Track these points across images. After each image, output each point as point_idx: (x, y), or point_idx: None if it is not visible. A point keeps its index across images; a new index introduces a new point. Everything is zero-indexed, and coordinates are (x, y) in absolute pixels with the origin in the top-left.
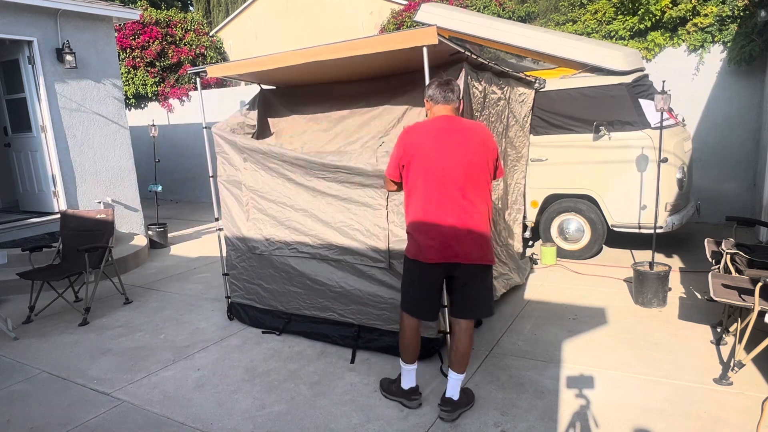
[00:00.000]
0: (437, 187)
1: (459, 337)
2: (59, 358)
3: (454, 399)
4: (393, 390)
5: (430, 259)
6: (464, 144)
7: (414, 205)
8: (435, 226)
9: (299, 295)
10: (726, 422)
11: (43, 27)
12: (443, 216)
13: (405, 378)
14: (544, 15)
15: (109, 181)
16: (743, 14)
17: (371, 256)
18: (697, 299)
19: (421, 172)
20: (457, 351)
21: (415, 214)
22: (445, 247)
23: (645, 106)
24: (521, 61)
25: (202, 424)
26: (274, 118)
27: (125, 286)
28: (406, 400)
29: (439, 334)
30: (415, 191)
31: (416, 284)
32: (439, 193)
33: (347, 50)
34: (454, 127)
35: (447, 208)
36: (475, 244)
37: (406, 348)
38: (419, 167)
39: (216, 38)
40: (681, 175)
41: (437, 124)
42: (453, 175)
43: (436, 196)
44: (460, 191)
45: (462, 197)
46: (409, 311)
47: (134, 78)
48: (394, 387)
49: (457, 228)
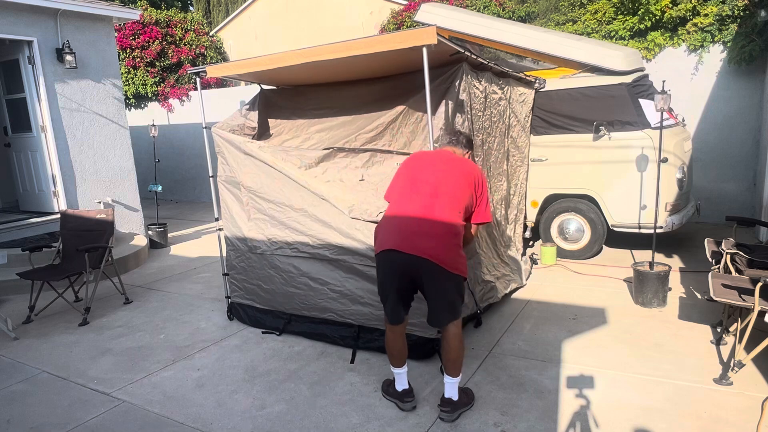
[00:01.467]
0: (410, 191)
1: (447, 343)
2: (59, 358)
3: (454, 399)
4: (390, 391)
5: (387, 245)
6: (450, 168)
7: (388, 209)
8: (399, 217)
9: (299, 295)
10: (726, 422)
11: (43, 27)
12: (409, 209)
13: (397, 381)
14: (544, 15)
15: (109, 181)
16: (743, 14)
17: (371, 256)
18: (697, 299)
19: (402, 181)
20: (448, 356)
21: (386, 213)
22: (406, 236)
23: (645, 106)
24: (521, 61)
25: (202, 424)
26: (274, 119)
27: (125, 286)
28: (400, 402)
29: (438, 334)
30: (391, 197)
31: (384, 282)
32: (411, 193)
33: (347, 50)
34: (448, 157)
35: (415, 203)
36: (438, 242)
37: (392, 353)
38: (402, 178)
39: (216, 38)
40: (681, 175)
41: (434, 152)
42: (429, 183)
43: (408, 196)
44: (431, 196)
45: (431, 197)
46: (387, 316)
47: (134, 78)
48: (391, 388)
49: (420, 219)
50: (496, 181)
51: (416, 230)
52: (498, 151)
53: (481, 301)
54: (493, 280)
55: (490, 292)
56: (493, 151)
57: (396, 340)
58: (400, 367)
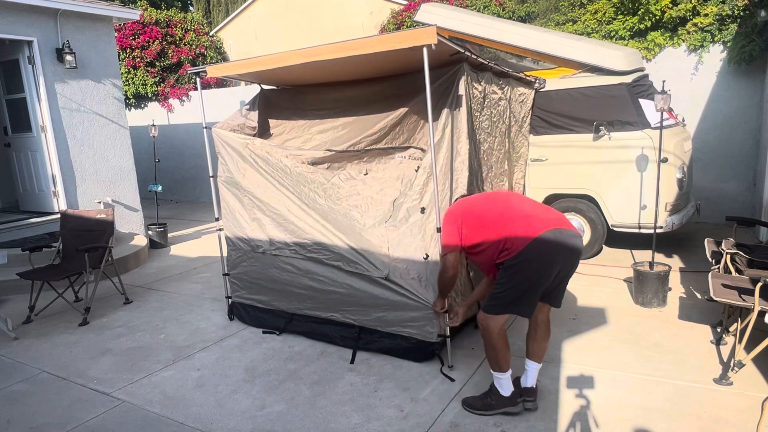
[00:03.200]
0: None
1: (545, 328)
2: (59, 358)
3: (534, 387)
4: (493, 403)
5: (550, 225)
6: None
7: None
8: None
9: (300, 295)
10: (726, 422)
11: (43, 27)
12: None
13: (506, 386)
14: (544, 15)
15: (109, 181)
16: (743, 14)
17: (373, 263)
18: (697, 299)
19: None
20: (545, 344)
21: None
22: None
23: (645, 106)
24: (521, 61)
25: (202, 424)
26: (274, 119)
27: (125, 286)
28: (514, 408)
29: (439, 338)
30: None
31: (542, 270)
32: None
33: (347, 50)
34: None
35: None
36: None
37: (507, 354)
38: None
39: (216, 38)
40: (681, 175)
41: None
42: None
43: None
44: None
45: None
46: (524, 311)
47: (134, 78)
48: (492, 400)
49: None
50: (497, 181)
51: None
52: (498, 151)
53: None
54: None
55: None
56: (494, 151)
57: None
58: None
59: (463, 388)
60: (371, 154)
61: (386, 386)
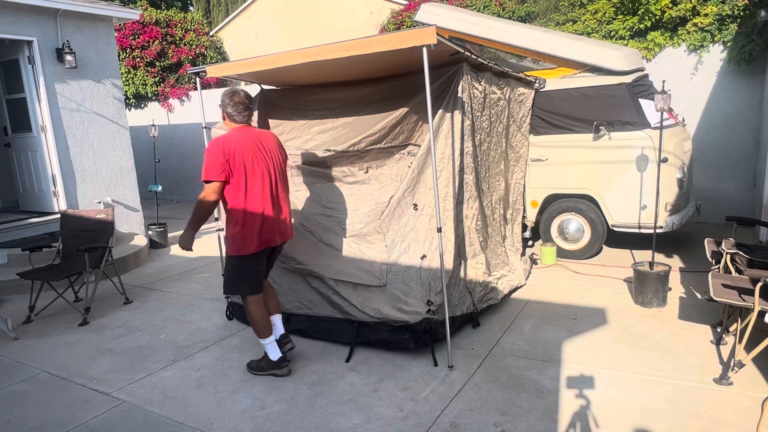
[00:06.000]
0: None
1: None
2: (59, 358)
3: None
4: (263, 366)
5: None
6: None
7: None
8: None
9: (299, 292)
10: (726, 422)
11: (43, 27)
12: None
13: (272, 350)
14: (544, 15)
15: (109, 181)
16: (743, 14)
17: (370, 272)
18: (697, 299)
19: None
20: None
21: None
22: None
23: (645, 106)
24: (521, 61)
25: (202, 424)
26: (274, 119)
27: (125, 286)
28: (278, 370)
29: (428, 313)
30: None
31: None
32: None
33: (347, 50)
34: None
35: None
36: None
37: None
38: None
39: (216, 38)
40: (681, 175)
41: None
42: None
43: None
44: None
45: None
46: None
47: (134, 78)
48: (264, 363)
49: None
50: (494, 181)
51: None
52: (495, 151)
53: (481, 301)
54: (492, 281)
55: (490, 293)
56: (491, 151)
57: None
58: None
59: (463, 388)
60: (371, 154)
61: (386, 386)
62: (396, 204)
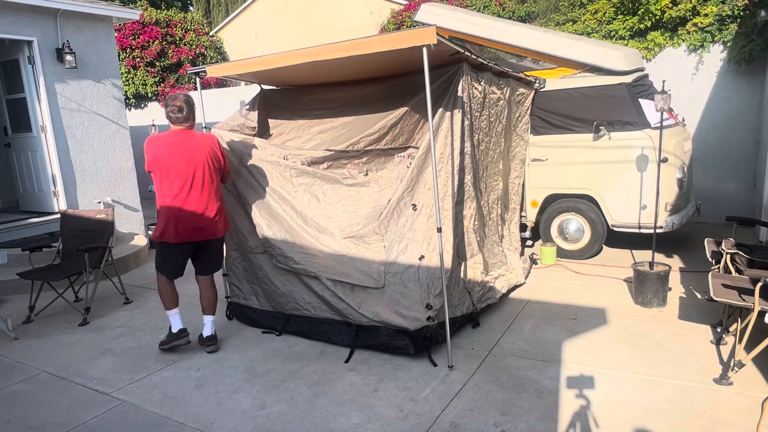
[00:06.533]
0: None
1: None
2: (59, 358)
3: (213, 335)
4: (166, 340)
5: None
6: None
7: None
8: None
9: (296, 293)
10: (726, 422)
11: (43, 27)
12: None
13: (173, 323)
14: (544, 15)
15: (109, 181)
16: (743, 14)
17: (368, 273)
18: (697, 299)
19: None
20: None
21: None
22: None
23: (645, 106)
24: (521, 61)
25: (202, 424)
26: (274, 119)
27: (125, 286)
28: (177, 341)
29: (428, 320)
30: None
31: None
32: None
33: (347, 50)
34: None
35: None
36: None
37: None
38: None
39: (216, 38)
40: (681, 175)
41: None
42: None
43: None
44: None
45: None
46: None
47: (134, 78)
48: (168, 337)
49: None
50: (492, 181)
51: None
52: (494, 151)
53: (480, 301)
54: (491, 280)
55: (489, 292)
56: (490, 151)
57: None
58: (173, 308)
59: (463, 388)
60: (371, 155)
61: (386, 386)
62: (395, 204)
